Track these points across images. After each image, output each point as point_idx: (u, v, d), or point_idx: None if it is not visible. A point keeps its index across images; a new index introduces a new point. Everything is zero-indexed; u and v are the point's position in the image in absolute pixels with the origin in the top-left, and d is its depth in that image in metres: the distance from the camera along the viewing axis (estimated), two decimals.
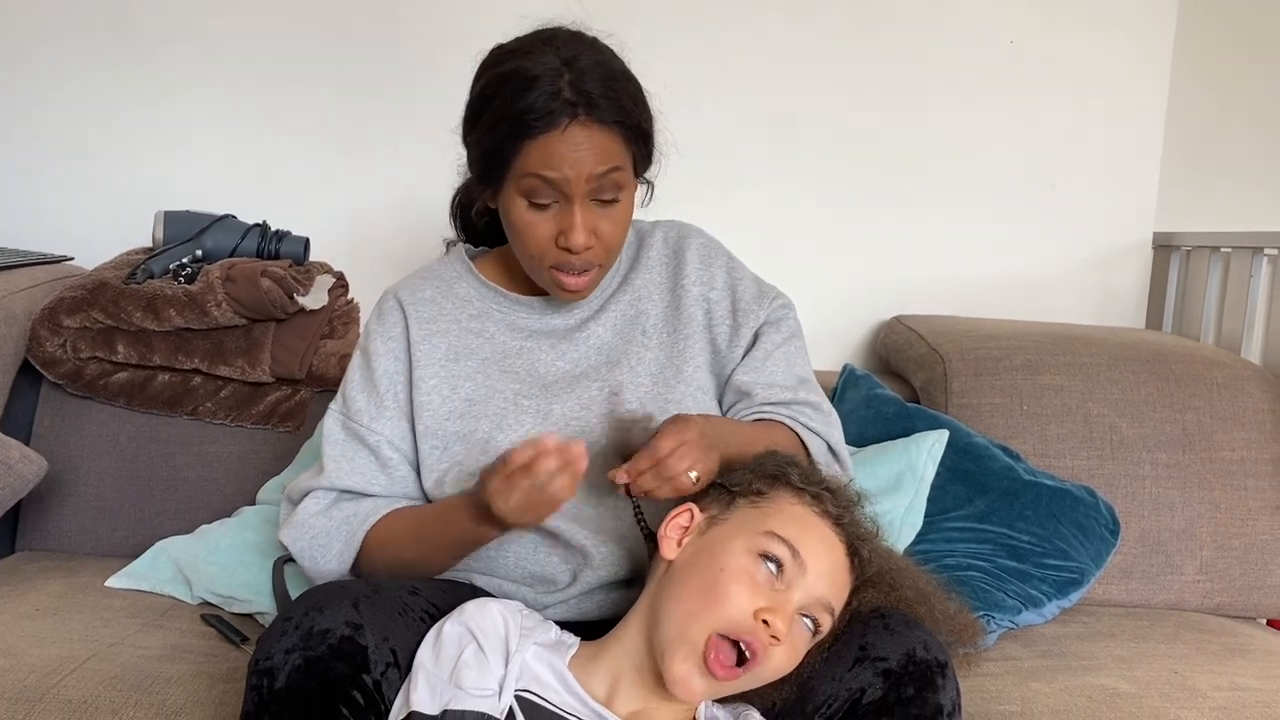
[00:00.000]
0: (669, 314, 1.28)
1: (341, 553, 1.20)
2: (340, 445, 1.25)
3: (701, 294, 1.29)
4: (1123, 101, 2.20)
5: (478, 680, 0.95)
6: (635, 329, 1.27)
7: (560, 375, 1.24)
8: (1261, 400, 1.80)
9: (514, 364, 1.25)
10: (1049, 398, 1.77)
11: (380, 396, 1.25)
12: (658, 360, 1.25)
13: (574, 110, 1.11)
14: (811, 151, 2.16)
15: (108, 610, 1.43)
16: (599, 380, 1.24)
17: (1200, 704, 1.30)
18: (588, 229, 1.15)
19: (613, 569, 1.19)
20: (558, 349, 1.26)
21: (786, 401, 1.26)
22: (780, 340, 1.29)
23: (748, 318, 1.29)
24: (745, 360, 1.28)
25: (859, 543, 1.07)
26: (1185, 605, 1.71)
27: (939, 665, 1.02)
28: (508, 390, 1.23)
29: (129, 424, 1.76)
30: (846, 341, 2.21)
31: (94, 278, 1.75)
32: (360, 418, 1.24)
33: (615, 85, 1.15)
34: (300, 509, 1.23)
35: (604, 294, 1.29)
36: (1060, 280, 2.24)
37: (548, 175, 1.12)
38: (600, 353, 1.26)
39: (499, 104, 1.13)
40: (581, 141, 1.12)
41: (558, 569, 1.20)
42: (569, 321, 1.27)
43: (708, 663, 0.96)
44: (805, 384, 1.30)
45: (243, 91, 2.08)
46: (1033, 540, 1.61)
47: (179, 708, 1.16)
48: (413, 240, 2.07)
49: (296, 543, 1.22)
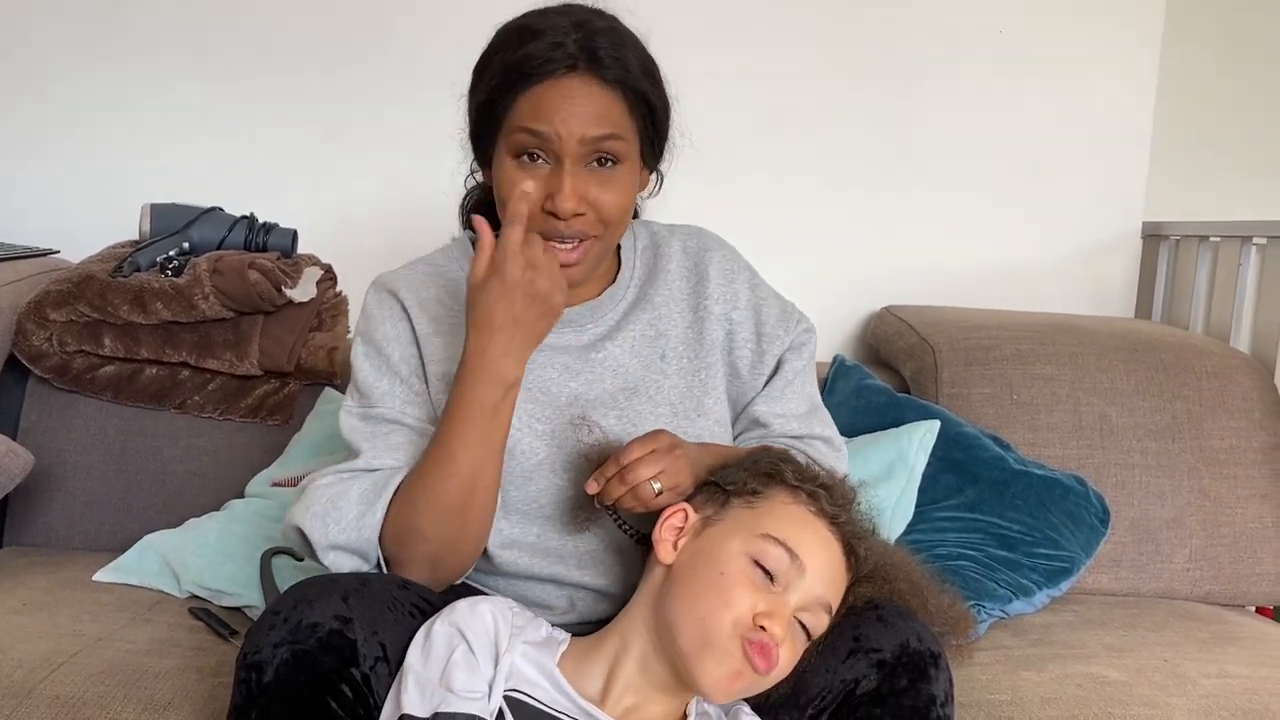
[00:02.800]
0: (690, 336, 1.22)
1: (362, 515, 1.07)
2: (367, 435, 1.13)
3: (724, 312, 1.23)
4: (1111, 91, 2.20)
5: (467, 682, 0.94)
6: (654, 353, 1.20)
7: (573, 398, 1.17)
8: (1250, 389, 1.80)
9: (525, 381, 1.10)
10: (1039, 387, 1.77)
11: (404, 381, 1.15)
12: (677, 390, 1.19)
13: (574, 62, 1.05)
14: (802, 142, 2.16)
15: (95, 605, 1.42)
16: (616, 409, 1.17)
17: (1190, 691, 1.30)
18: (577, 194, 1.06)
19: (613, 604, 1.16)
20: (571, 369, 1.18)
21: (800, 435, 1.24)
22: (800, 367, 1.26)
23: (772, 343, 1.24)
24: (766, 390, 1.24)
25: (855, 541, 1.06)
26: (1175, 593, 1.72)
27: (932, 656, 1.02)
28: (521, 411, 1.13)
29: (116, 418, 1.74)
30: (837, 332, 2.21)
31: (80, 271, 1.73)
32: (387, 400, 1.14)
33: (624, 49, 1.08)
34: (312, 485, 1.11)
35: (620, 306, 1.22)
36: (1050, 270, 2.24)
37: (536, 128, 1.05)
38: (617, 376, 1.18)
39: (500, 56, 1.08)
40: (578, 95, 1.05)
41: (553, 596, 1.19)
42: (584, 339, 1.19)
43: (752, 663, 0.96)
44: (815, 411, 1.27)
45: (230, 83, 2.07)
46: (1023, 529, 1.61)
47: (167, 701, 1.16)
48: (401, 232, 2.06)
49: (309, 510, 1.08)
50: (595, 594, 1.18)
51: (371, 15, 2.07)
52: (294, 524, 1.11)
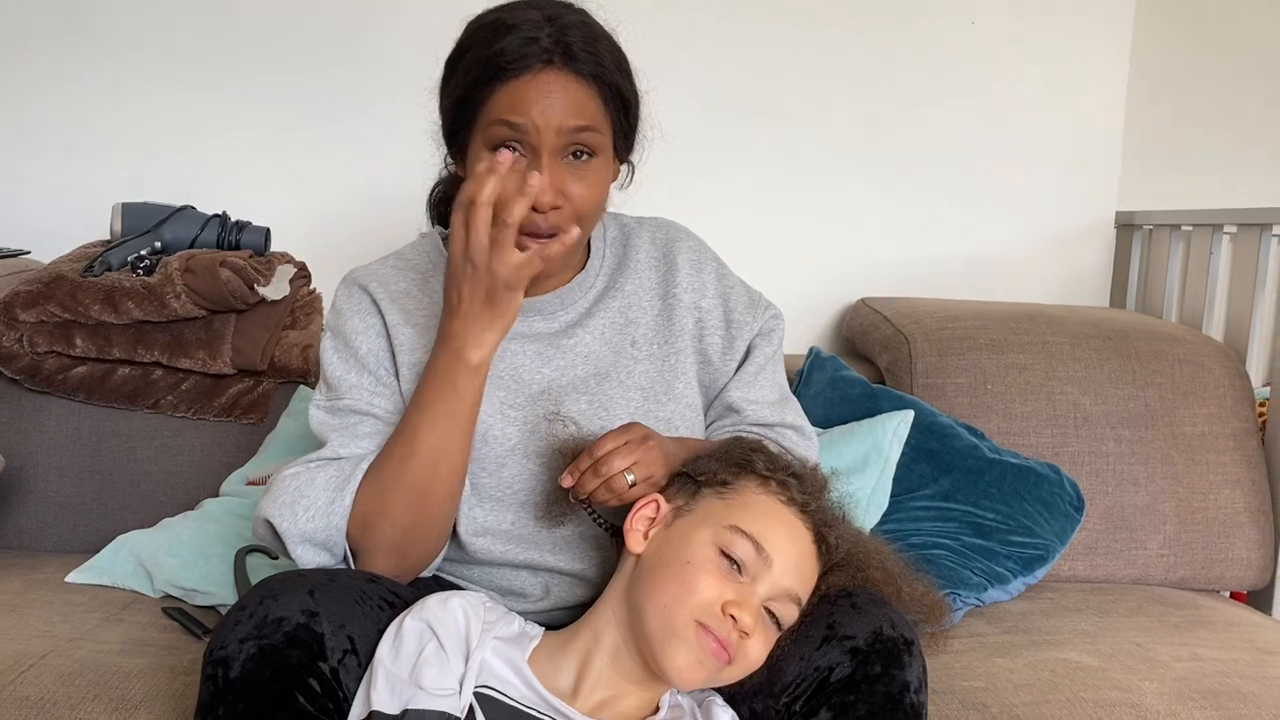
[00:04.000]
0: (660, 323, 1.23)
1: (331, 501, 1.07)
2: (335, 427, 1.13)
3: (693, 301, 1.24)
4: (1083, 82, 2.21)
5: (438, 679, 0.94)
6: (624, 339, 1.21)
7: (546, 384, 1.18)
8: (1222, 375, 1.82)
9: (497, 368, 1.14)
10: (1013, 376, 1.78)
11: (373, 373, 1.14)
12: (648, 374, 1.20)
13: (549, 56, 1.06)
14: (778, 136, 2.16)
15: (67, 606, 1.41)
16: (587, 394, 1.18)
17: (1162, 675, 1.31)
18: (555, 187, 1.06)
19: (589, 589, 1.17)
20: (543, 355, 1.19)
21: (772, 424, 1.25)
22: (771, 354, 1.27)
23: (741, 329, 1.25)
24: (738, 375, 1.25)
25: (826, 529, 1.06)
26: (1149, 579, 1.73)
27: (906, 643, 1.02)
28: (493, 398, 1.15)
29: (89, 418, 1.73)
30: (813, 325, 2.21)
31: (50, 271, 1.72)
32: (355, 393, 1.13)
33: (597, 44, 1.09)
34: (279, 476, 1.12)
35: (589, 295, 1.23)
36: (1024, 260, 2.25)
37: (514, 120, 1.05)
38: (588, 362, 1.19)
39: (474, 51, 1.08)
40: (555, 89, 1.06)
41: (528, 583, 1.19)
42: (554, 326, 1.20)
43: (710, 651, 0.97)
44: (787, 400, 1.28)
45: (202, 82, 2.05)
46: (998, 518, 1.61)
47: (139, 701, 1.15)
48: (375, 230, 2.05)
49: (277, 500, 1.08)
50: (570, 579, 1.18)
51: (343, 13, 2.06)
52: (262, 516, 1.10)
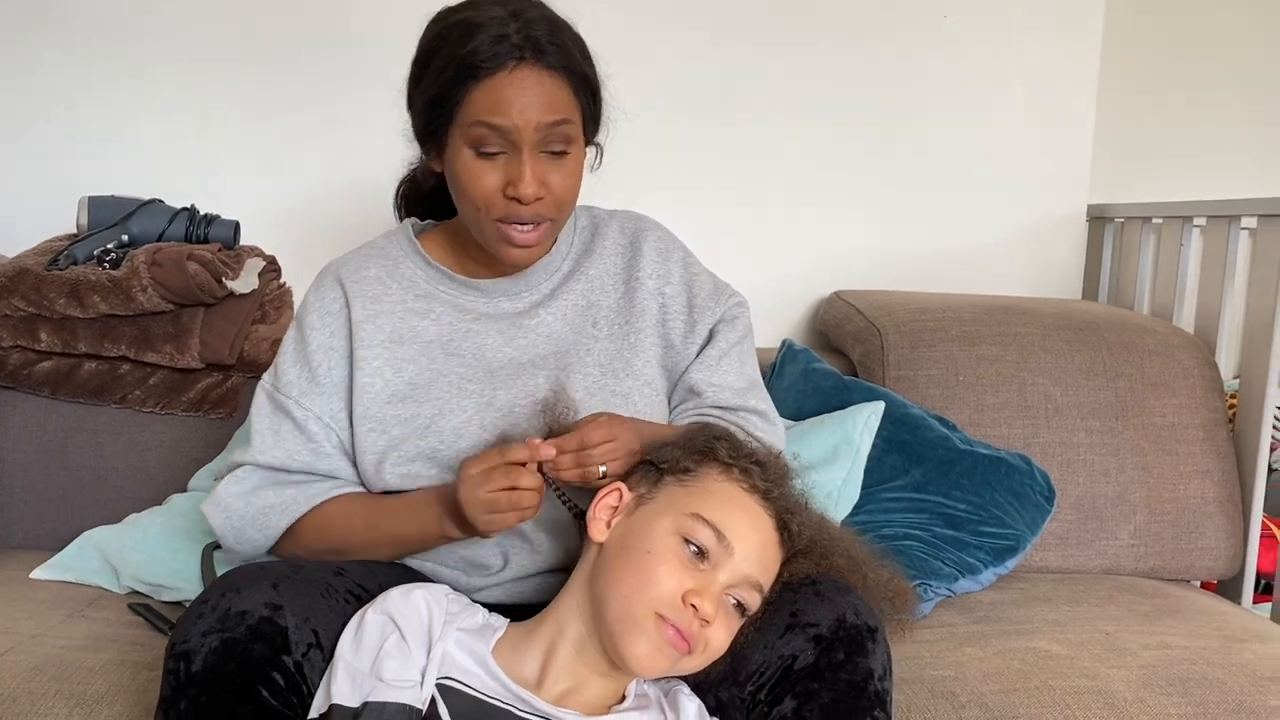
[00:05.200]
0: (622, 305, 1.26)
1: (255, 541, 1.18)
2: (267, 419, 1.21)
3: (657, 288, 1.27)
4: (1055, 76, 2.22)
5: (399, 671, 0.94)
6: (586, 320, 1.25)
7: (506, 361, 1.21)
8: (1192, 366, 1.83)
9: (460, 346, 1.21)
10: (984, 368, 1.79)
11: (313, 371, 1.21)
12: (607, 352, 1.23)
13: (520, 53, 1.09)
14: (751, 129, 2.16)
15: (31, 602, 1.40)
16: (546, 369, 1.21)
17: (1129, 663, 1.32)
18: (538, 179, 1.11)
19: (550, 557, 1.18)
20: (505, 334, 1.23)
21: (734, 407, 1.26)
22: (735, 339, 1.29)
23: (704, 314, 1.28)
24: (700, 358, 1.27)
25: (788, 516, 1.07)
26: (1120, 569, 1.74)
27: (869, 630, 1.03)
28: (452, 374, 1.20)
29: (55, 414, 1.71)
30: (788, 317, 2.21)
31: (15, 264, 1.70)
32: (290, 390, 1.21)
33: (562, 35, 1.13)
34: (222, 485, 1.20)
35: (554, 278, 1.26)
36: (998, 253, 2.26)
37: (496, 122, 1.09)
38: (550, 341, 1.23)
39: (445, 51, 1.11)
40: (530, 86, 1.09)
41: (489, 554, 1.19)
42: (518, 306, 1.24)
43: (669, 641, 0.97)
44: (754, 388, 1.29)
45: (171, 74, 2.04)
46: (969, 509, 1.62)
47: (100, 696, 1.14)
48: (346, 222, 2.04)
49: (214, 518, 1.20)
50: (529, 546, 1.18)
51: (313, 5, 2.05)
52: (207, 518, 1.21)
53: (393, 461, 1.18)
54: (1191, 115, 2.37)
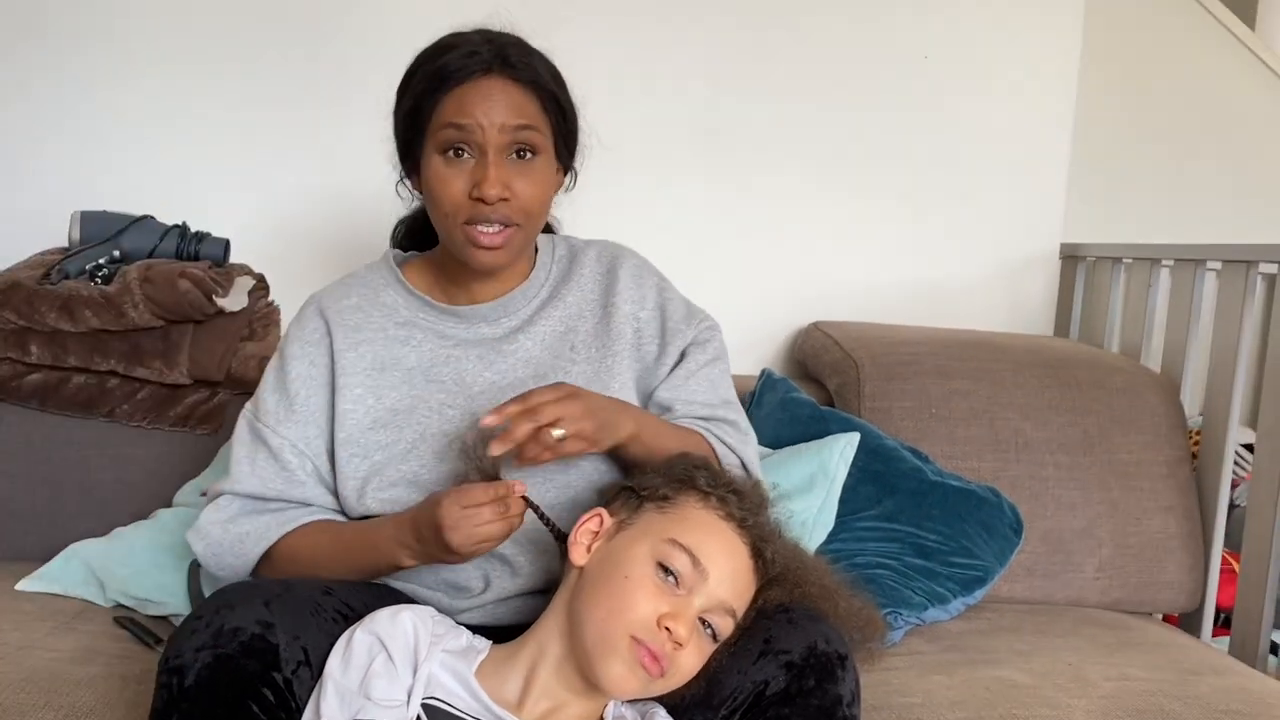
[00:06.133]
0: (598, 330, 1.29)
1: (235, 567, 1.22)
2: (245, 446, 1.25)
3: (632, 312, 1.30)
4: (1031, 117, 2.28)
5: (386, 690, 0.97)
6: (564, 344, 1.28)
7: (486, 386, 1.24)
8: (1158, 404, 1.88)
9: (440, 373, 1.25)
10: (957, 401, 1.83)
11: (290, 400, 1.24)
12: (584, 375, 1.26)
13: (489, 66, 1.17)
14: (731, 160, 2.20)
15: (17, 614, 1.41)
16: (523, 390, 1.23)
17: (1090, 693, 1.36)
18: (501, 181, 1.16)
19: (531, 579, 1.21)
20: (485, 359, 1.26)
21: (706, 417, 1.29)
22: (705, 361, 1.32)
23: (675, 337, 1.31)
24: (669, 378, 1.30)
25: (763, 544, 1.09)
26: (1085, 601, 1.78)
27: (839, 657, 1.06)
28: (433, 400, 1.23)
29: (42, 426, 1.73)
30: (767, 348, 2.25)
31: (7, 278, 1.72)
32: (267, 419, 1.24)
33: (532, 57, 1.21)
34: (204, 514, 1.24)
35: (532, 304, 1.29)
36: (973, 289, 2.31)
37: (460, 121, 1.16)
38: (528, 366, 1.26)
39: (421, 70, 1.20)
40: (495, 91, 1.17)
41: (471, 576, 1.21)
42: (498, 331, 1.27)
43: (642, 663, 1.00)
44: (726, 404, 1.32)
45: (162, 90, 2.05)
46: (939, 539, 1.66)
47: (89, 708, 1.16)
48: (335, 243, 2.07)
49: (196, 546, 1.23)
50: (508, 568, 1.21)
51: (305, 24, 2.07)
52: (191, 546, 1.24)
53: (375, 486, 1.21)
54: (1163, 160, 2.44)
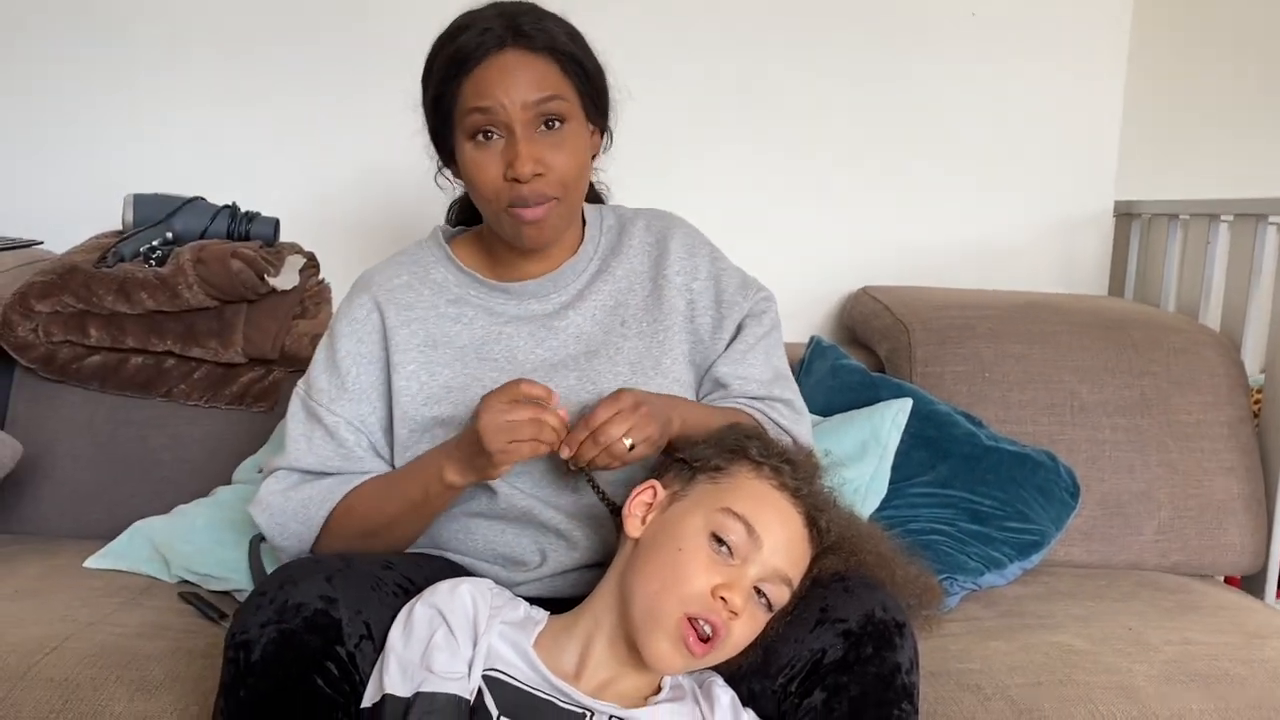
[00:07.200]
0: (650, 303, 1.28)
1: (300, 534, 1.22)
2: (300, 425, 1.25)
3: (685, 284, 1.29)
4: (1082, 72, 2.23)
5: (448, 663, 0.98)
6: (615, 319, 1.27)
7: (539, 363, 1.24)
8: (1217, 364, 1.84)
9: (492, 350, 1.25)
10: (1011, 365, 1.81)
11: (341, 378, 1.24)
12: (636, 350, 1.25)
13: (502, 41, 1.15)
14: (778, 127, 2.18)
15: (87, 590, 1.45)
16: (577, 370, 1.24)
17: (1152, 657, 1.34)
18: (533, 157, 1.14)
19: (587, 553, 1.21)
20: (536, 336, 1.25)
21: (760, 396, 1.28)
22: (762, 333, 1.31)
23: (732, 309, 1.30)
24: (727, 352, 1.29)
25: (817, 513, 1.09)
26: (1144, 565, 1.76)
27: (897, 625, 1.05)
28: (486, 378, 1.21)
29: (103, 406, 1.77)
30: (815, 314, 2.24)
31: (64, 262, 1.75)
32: (320, 397, 1.25)
33: (546, 21, 1.18)
34: (264, 486, 1.25)
35: (582, 278, 1.29)
36: (1025, 249, 2.27)
37: (483, 104, 1.14)
38: (579, 341, 1.26)
39: (439, 57, 1.18)
40: (512, 68, 1.14)
41: (527, 550, 1.22)
42: (548, 308, 1.27)
43: (686, 643, 1.00)
44: (781, 379, 1.32)
45: (210, 73, 2.08)
46: (994, 504, 1.64)
47: (159, 682, 1.19)
48: (382, 220, 2.08)
49: (259, 518, 1.24)
50: (565, 543, 1.21)
51: (354, 5, 2.08)
52: (253, 519, 1.25)
53: None
54: (1219, 113, 2.37)
